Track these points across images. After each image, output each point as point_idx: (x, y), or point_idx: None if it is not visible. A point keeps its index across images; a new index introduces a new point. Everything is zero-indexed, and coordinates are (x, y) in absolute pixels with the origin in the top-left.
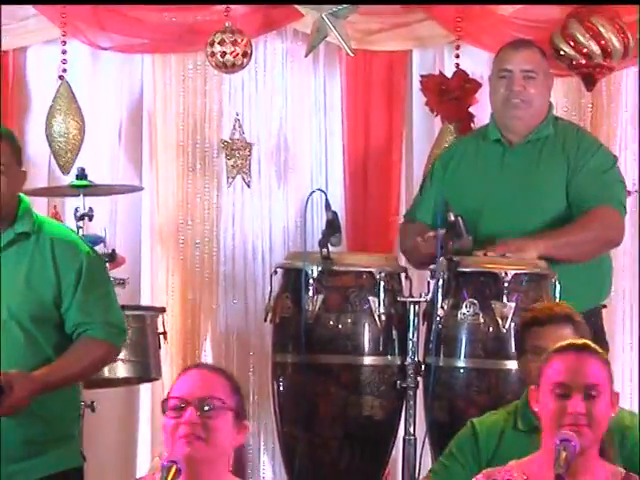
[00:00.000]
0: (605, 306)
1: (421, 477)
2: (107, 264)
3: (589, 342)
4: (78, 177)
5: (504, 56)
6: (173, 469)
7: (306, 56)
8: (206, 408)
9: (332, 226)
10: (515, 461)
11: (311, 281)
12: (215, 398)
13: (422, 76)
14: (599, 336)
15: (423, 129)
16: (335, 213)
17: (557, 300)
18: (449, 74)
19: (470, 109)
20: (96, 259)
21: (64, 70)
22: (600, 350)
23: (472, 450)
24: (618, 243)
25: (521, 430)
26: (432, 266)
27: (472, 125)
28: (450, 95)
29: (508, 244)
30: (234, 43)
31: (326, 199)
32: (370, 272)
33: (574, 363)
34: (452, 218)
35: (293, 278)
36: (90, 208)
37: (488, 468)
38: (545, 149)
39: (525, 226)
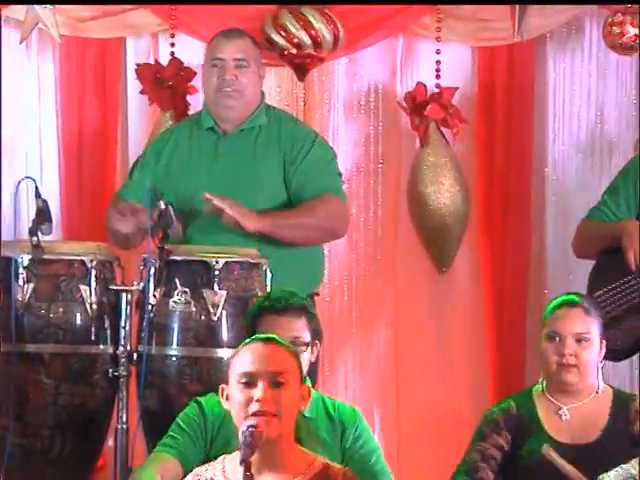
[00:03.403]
0: (317, 294)
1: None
2: None
3: (275, 336)
4: None
5: (216, 45)
6: None
7: (20, 43)
8: None
9: (42, 214)
10: (224, 456)
11: (21, 270)
12: None
13: (137, 64)
14: None
15: (140, 117)
16: (45, 201)
17: (269, 287)
18: (165, 62)
19: (187, 97)
20: None
21: None
22: (286, 344)
23: (200, 427)
24: (342, 234)
25: None
26: (144, 255)
27: (188, 113)
28: (165, 83)
29: (235, 204)
30: None
31: (35, 187)
32: (81, 260)
33: (259, 352)
34: (162, 206)
35: (3, 267)
36: None
37: (211, 449)
38: (260, 138)
39: None
